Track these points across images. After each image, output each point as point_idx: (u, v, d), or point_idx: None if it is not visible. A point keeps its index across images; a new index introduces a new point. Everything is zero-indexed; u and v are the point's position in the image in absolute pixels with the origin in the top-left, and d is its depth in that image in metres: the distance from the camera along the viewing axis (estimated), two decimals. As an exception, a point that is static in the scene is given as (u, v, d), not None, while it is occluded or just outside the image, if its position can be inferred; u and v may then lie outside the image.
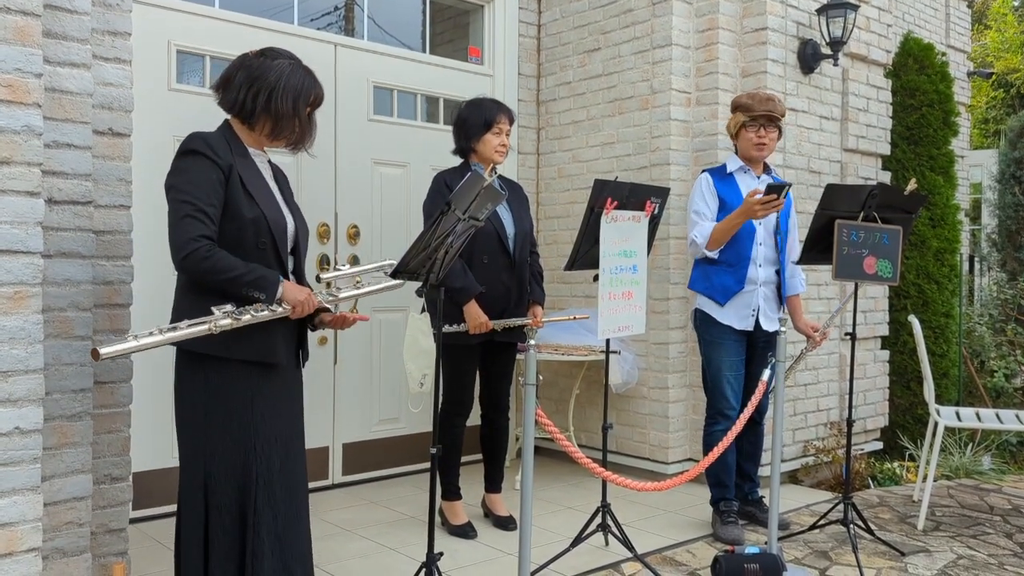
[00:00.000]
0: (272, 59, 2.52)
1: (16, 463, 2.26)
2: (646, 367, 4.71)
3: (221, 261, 2.32)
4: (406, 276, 2.77)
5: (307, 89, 2.53)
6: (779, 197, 3.49)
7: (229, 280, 2.33)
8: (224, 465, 2.40)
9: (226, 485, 2.41)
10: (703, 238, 3.76)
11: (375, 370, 4.72)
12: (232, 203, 2.40)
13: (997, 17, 13.92)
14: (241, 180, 2.43)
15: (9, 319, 2.25)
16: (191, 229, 2.32)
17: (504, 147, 3.73)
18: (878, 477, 5.01)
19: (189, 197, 2.35)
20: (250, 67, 2.50)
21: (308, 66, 2.59)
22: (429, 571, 2.82)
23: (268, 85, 2.47)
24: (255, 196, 2.45)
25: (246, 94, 2.48)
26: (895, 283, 3.76)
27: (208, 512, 2.41)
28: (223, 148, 2.44)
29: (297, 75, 2.51)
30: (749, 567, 3.21)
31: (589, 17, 5.10)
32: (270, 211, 2.47)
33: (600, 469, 2.80)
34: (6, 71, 2.25)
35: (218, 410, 2.40)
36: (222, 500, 2.41)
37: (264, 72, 2.48)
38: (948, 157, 5.64)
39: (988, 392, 6.24)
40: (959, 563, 3.58)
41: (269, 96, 2.47)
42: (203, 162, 2.39)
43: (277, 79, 2.47)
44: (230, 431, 2.41)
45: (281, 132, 2.53)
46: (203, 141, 2.43)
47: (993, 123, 12.87)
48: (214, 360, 2.39)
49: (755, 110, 3.78)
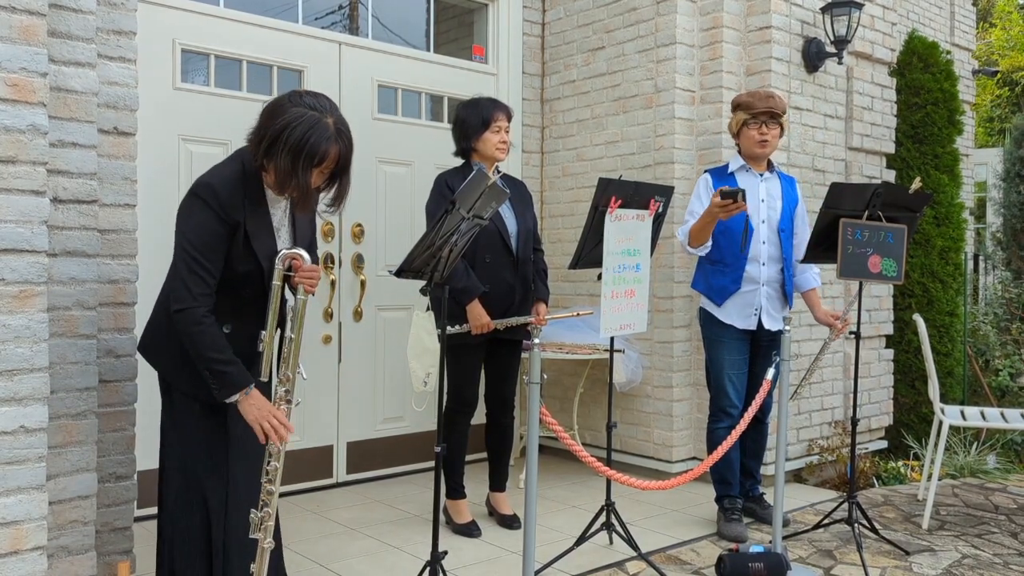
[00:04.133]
0: (294, 105, 2.29)
1: (21, 461, 2.27)
2: (650, 366, 4.71)
3: (207, 336, 2.28)
4: (410, 275, 2.76)
5: (312, 147, 2.25)
6: (735, 201, 3.45)
7: (201, 357, 2.29)
8: (195, 475, 2.46)
9: (193, 497, 2.46)
10: (683, 236, 3.81)
11: (379, 369, 4.73)
12: (231, 255, 2.38)
13: (1002, 15, 13.88)
14: (246, 233, 2.38)
15: (14, 318, 2.26)
16: (194, 287, 2.29)
17: (505, 144, 3.73)
18: (883, 476, 5.00)
19: (196, 253, 2.31)
20: (271, 106, 2.32)
21: (335, 119, 2.32)
22: (433, 570, 2.82)
23: (273, 133, 2.26)
24: (256, 251, 2.40)
25: (259, 137, 2.32)
26: (900, 282, 3.75)
27: (184, 518, 2.48)
28: (234, 200, 2.34)
29: (302, 128, 2.24)
30: (754, 566, 3.21)
31: (593, 16, 5.10)
32: (267, 263, 2.40)
33: (604, 468, 2.80)
34: (11, 70, 2.25)
35: (186, 428, 2.46)
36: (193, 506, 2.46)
37: (275, 116, 2.28)
38: (953, 155, 5.62)
39: (993, 391, 6.22)
40: (964, 562, 3.57)
41: (271, 145, 2.27)
42: (209, 214, 2.32)
43: (282, 129, 2.25)
44: (201, 448, 2.46)
45: (284, 188, 2.31)
46: (213, 192, 2.31)
47: (998, 121, 12.83)
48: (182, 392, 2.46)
49: (756, 107, 3.78)
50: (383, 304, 4.72)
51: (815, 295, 4.03)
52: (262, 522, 2.35)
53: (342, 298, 4.55)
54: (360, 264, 4.59)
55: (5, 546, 2.24)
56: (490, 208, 2.75)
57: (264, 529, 2.35)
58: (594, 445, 4.94)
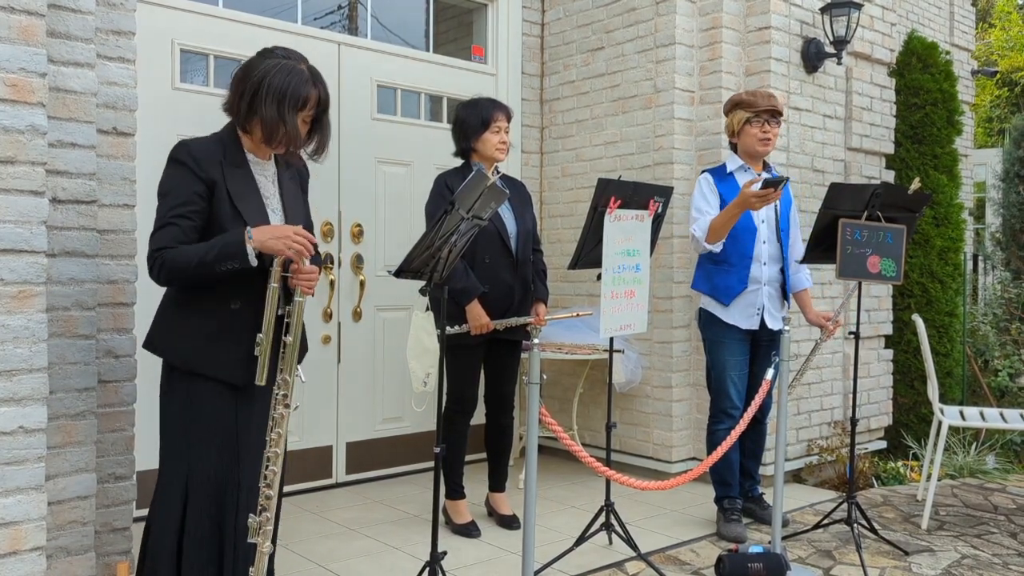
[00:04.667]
0: (264, 58, 2.40)
1: (20, 462, 2.27)
2: (650, 366, 4.71)
3: (179, 259, 2.26)
4: (410, 275, 2.76)
5: (293, 91, 2.36)
6: (776, 190, 3.49)
7: (197, 270, 2.26)
8: (205, 471, 2.40)
9: (205, 493, 2.40)
10: (702, 232, 3.76)
11: (379, 369, 4.73)
12: (217, 217, 2.37)
13: (1001, 15, 13.89)
14: (228, 194, 2.37)
15: (13, 318, 2.25)
16: (154, 242, 2.30)
17: (504, 144, 3.73)
18: (882, 476, 5.00)
19: (174, 204, 2.32)
20: (243, 68, 2.43)
21: (307, 66, 2.43)
22: (433, 570, 2.82)
23: (252, 87, 2.36)
24: (241, 211, 2.39)
25: (236, 97, 2.41)
26: (899, 282, 3.75)
27: (185, 516, 2.40)
28: (210, 159, 2.38)
29: (281, 76, 2.35)
30: (753, 566, 3.21)
31: (593, 16, 5.10)
32: (255, 224, 2.38)
33: (604, 468, 2.80)
34: (10, 70, 2.25)
35: (199, 421, 2.40)
36: (202, 504, 2.40)
37: (250, 73, 2.38)
38: (952, 156, 5.63)
39: (992, 391, 6.23)
40: (963, 562, 3.57)
41: (252, 99, 2.36)
42: (183, 171, 2.35)
43: (260, 80, 2.35)
44: (212, 442, 2.41)
45: (272, 137, 2.39)
46: (187, 152, 2.37)
47: (997, 122, 12.83)
48: (193, 375, 2.40)
49: (759, 105, 3.78)
50: (382, 304, 4.71)
51: (807, 296, 4.04)
52: (260, 527, 2.35)
53: (341, 298, 4.55)
54: (359, 264, 4.59)
55: (4, 547, 2.24)
56: (489, 208, 2.75)
57: (263, 533, 2.35)
58: (593, 445, 4.94)
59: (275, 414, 2.34)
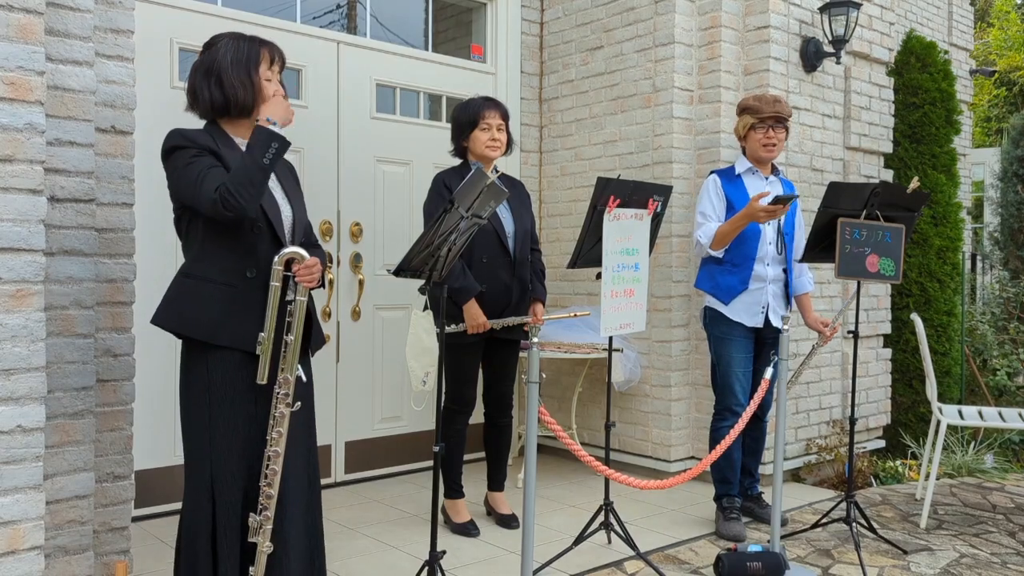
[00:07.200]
0: (211, 46, 2.51)
1: (18, 461, 2.26)
2: (648, 365, 4.71)
3: (235, 178, 2.29)
4: (409, 274, 2.76)
5: (254, 53, 2.49)
6: (784, 206, 3.52)
7: (249, 174, 2.29)
8: (231, 460, 2.37)
9: (233, 483, 2.38)
10: (707, 238, 3.79)
11: (377, 368, 4.72)
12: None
13: (1000, 15, 13.90)
14: (228, 167, 2.39)
15: (11, 317, 2.25)
16: (207, 187, 2.30)
17: (495, 142, 3.73)
18: (880, 475, 5.00)
19: (193, 172, 2.33)
20: (198, 66, 2.50)
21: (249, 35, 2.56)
22: (431, 569, 2.82)
23: (216, 69, 2.46)
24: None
25: (208, 90, 2.46)
26: (897, 281, 3.75)
27: (216, 510, 2.38)
28: (204, 139, 2.42)
29: (234, 42, 2.48)
30: (752, 565, 3.21)
31: (592, 15, 5.10)
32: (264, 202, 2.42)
33: (603, 467, 2.79)
34: (9, 69, 2.25)
35: (223, 400, 2.37)
36: (230, 498, 2.37)
37: (208, 61, 2.48)
38: (950, 155, 5.63)
39: (990, 390, 6.23)
40: (962, 561, 3.57)
41: (220, 78, 2.45)
42: (186, 150, 2.38)
43: (221, 59, 2.46)
44: (236, 423, 2.38)
45: (253, 104, 2.48)
46: (180, 134, 2.41)
47: (995, 121, 12.85)
48: (213, 348, 2.37)
49: (763, 112, 3.79)
50: (381, 303, 4.71)
51: (807, 299, 4.07)
52: (260, 526, 2.34)
53: (340, 297, 4.54)
54: (358, 263, 4.59)
55: (2, 546, 2.23)
56: (488, 207, 2.75)
57: (263, 533, 2.34)
58: (592, 444, 4.94)
59: (276, 413, 2.34)
